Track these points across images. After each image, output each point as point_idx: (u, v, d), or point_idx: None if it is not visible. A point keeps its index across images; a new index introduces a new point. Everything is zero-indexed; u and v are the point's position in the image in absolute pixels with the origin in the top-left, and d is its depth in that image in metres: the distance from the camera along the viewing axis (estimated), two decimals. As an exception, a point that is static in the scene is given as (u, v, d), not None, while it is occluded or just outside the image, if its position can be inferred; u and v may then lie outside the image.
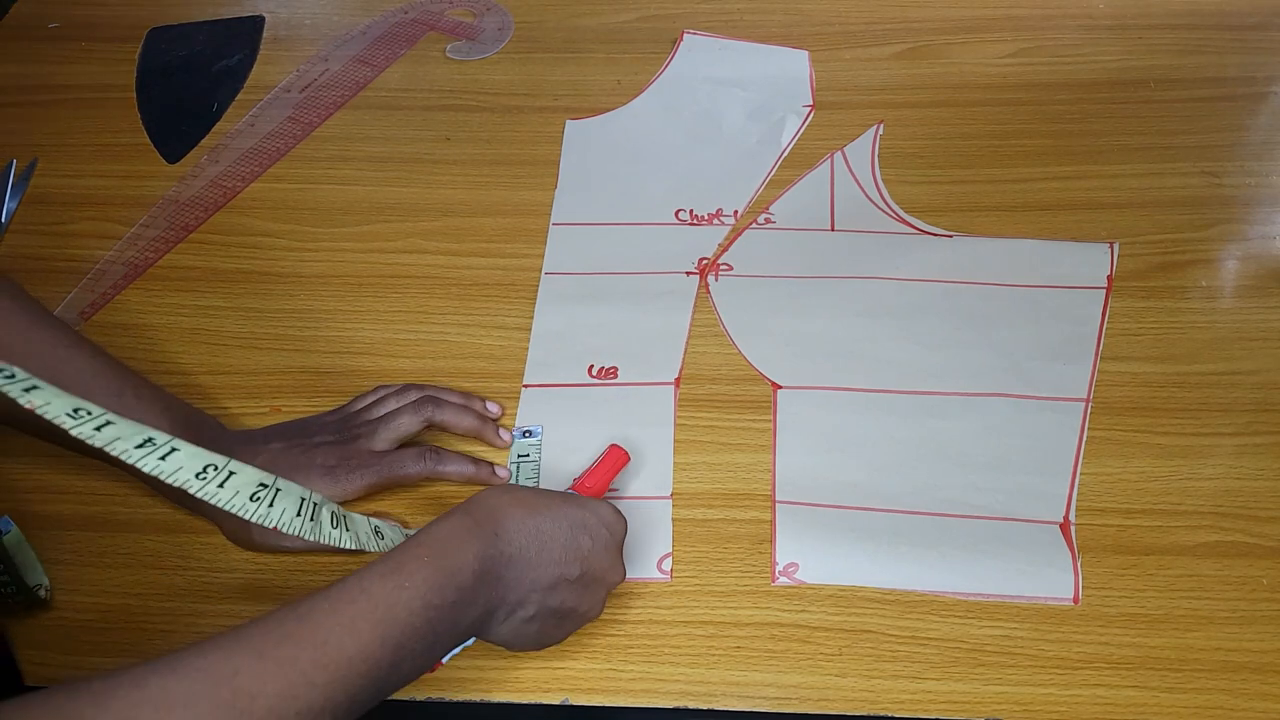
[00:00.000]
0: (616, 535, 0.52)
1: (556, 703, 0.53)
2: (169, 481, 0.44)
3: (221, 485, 0.45)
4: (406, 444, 0.60)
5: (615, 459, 0.58)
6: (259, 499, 0.46)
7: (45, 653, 0.55)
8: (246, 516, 0.46)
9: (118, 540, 0.59)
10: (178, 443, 0.44)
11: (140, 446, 0.43)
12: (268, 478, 0.47)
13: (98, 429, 0.42)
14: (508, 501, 0.49)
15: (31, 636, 0.55)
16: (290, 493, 0.48)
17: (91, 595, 0.57)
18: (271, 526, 0.47)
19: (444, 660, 0.51)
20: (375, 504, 0.59)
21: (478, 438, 0.62)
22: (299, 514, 0.48)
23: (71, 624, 0.56)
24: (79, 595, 0.57)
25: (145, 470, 0.43)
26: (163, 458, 0.44)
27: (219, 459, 0.45)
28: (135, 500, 0.60)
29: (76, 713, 0.37)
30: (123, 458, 0.43)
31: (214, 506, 0.51)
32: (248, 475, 0.46)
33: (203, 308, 0.70)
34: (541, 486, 0.60)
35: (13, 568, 0.55)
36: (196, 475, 0.44)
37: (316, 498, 0.49)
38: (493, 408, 0.63)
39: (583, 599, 0.51)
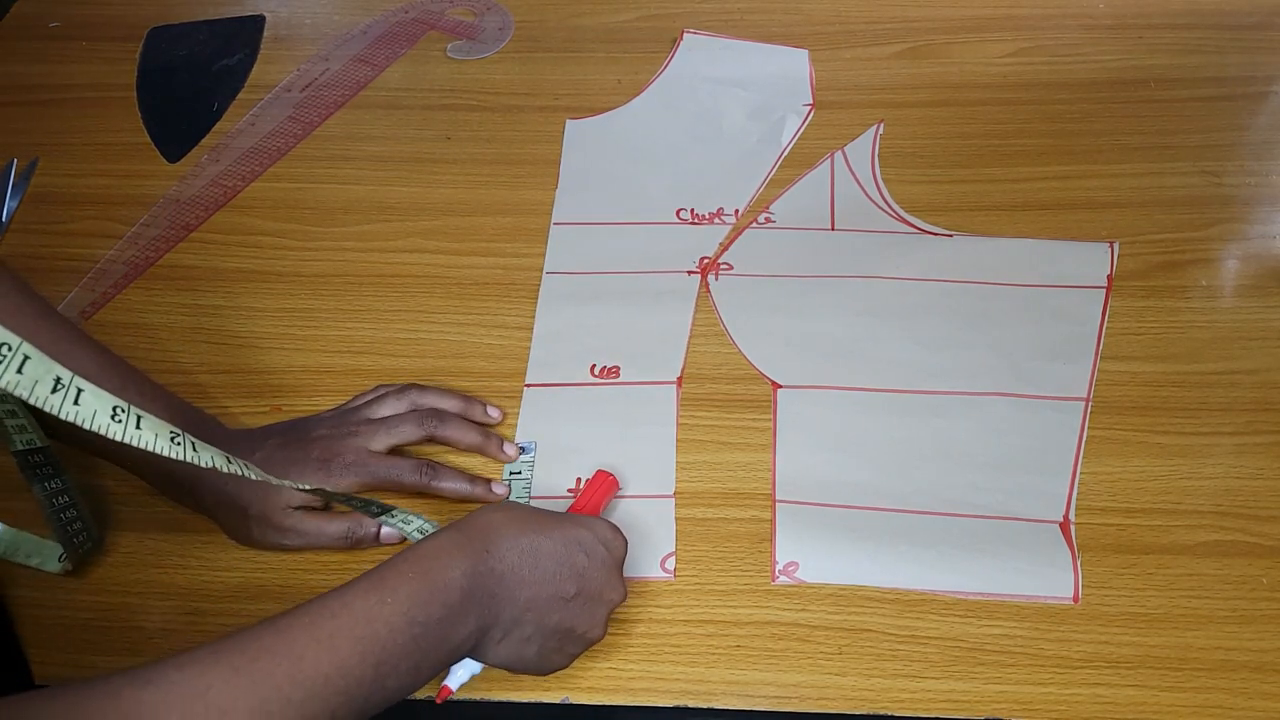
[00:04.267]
0: (615, 553, 0.51)
1: (556, 701, 0.53)
2: (89, 427, 0.41)
3: (138, 426, 0.43)
4: (404, 451, 0.60)
5: (603, 484, 0.58)
6: (179, 443, 0.44)
7: (51, 651, 0.55)
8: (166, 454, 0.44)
9: (119, 539, 0.59)
10: (81, 382, 0.42)
11: (55, 391, 0.41)
12: (176, 428, 0.45)
13: (19, 370, 0.40)
14: (501, 519, 0.49)
15: (37, 636, 0.56)
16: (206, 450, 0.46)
17: (93, 594, 0.57)
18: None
19: (454, 687, 0.50)
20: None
21: (481, 454, 0.62)
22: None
23: (72, 623, 0.56)
24: (80, 594, 0.57)
25: (65, 418, 0.41)
26: (75, 401, 0.41)
27: (123, 401, 0.43)
28: (136, 500, 0.60)
29: None
30: (45, 406, 0.41)
31: (214, 504, 0.51)
32: (156, 420, 0.44)
33: (203, 307, 0.70)
34: (533, 501, 0.59)
35: (83, 509, 0.55)
36: (112, 417, 0.42)
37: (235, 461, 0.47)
38: (494, 413, 0.63)
39: (580, 618, 0.50)
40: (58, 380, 0.41)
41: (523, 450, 0.62)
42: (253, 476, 0.49)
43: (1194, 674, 0.53)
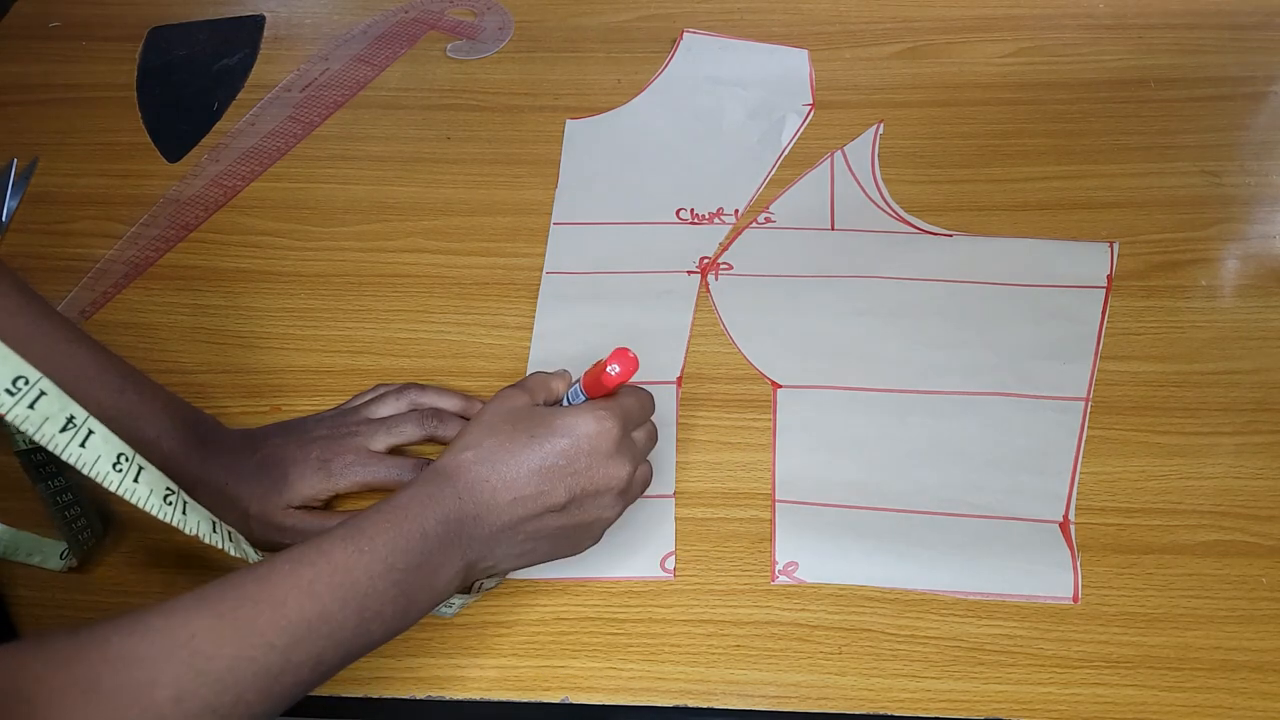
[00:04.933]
0: (601, 442, 0.50)
1: (556, 701, 0.53)
2: (87, 472, 0.43)
3: (136, 480, 0.44)
4: (405, 451, 0.60)
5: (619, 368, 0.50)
6: (171, 503, 0.45)
7: (46, 651, 0.55)
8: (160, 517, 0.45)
9: (120, 538, 0.59)
10: (94, 424, 0.43)
11: (64, 430, 0.42)
12: (173, 485, 0.46)
13: (31, 406, 0.41)
14: (470, 459, 0.49)
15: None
16: (198, 512, 0.47)
17: (93, 594, 0.57)
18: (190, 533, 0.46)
19: (450, 613, 0.52)
20: (368, 501, 0.59)
21: None
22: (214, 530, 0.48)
23: (72, 623, 0.56)
24: (80, 594, 0.57)
25: (67, 459, 0.42)
26: (82, 444, 0.42)
27: (129, 449, 0.44)
28: (136, 499, 0.60)
29: (37, 674, 0.37)
30: (49, 445, 0.41)
31: (214, 504, 0.51)
32: (155, 474, 0.45)
33: (203, 307, 0.70)
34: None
35: (86, 505, 0.55)
36: (113, 466, 0.43)
37: (225, 528, 0.49)
38: None
39: (583, 513, 0.51)
40: (70, 419, 0.42)
41: None
42: (233, 552, 0.49)
43: (1194, 674, 0.53)
